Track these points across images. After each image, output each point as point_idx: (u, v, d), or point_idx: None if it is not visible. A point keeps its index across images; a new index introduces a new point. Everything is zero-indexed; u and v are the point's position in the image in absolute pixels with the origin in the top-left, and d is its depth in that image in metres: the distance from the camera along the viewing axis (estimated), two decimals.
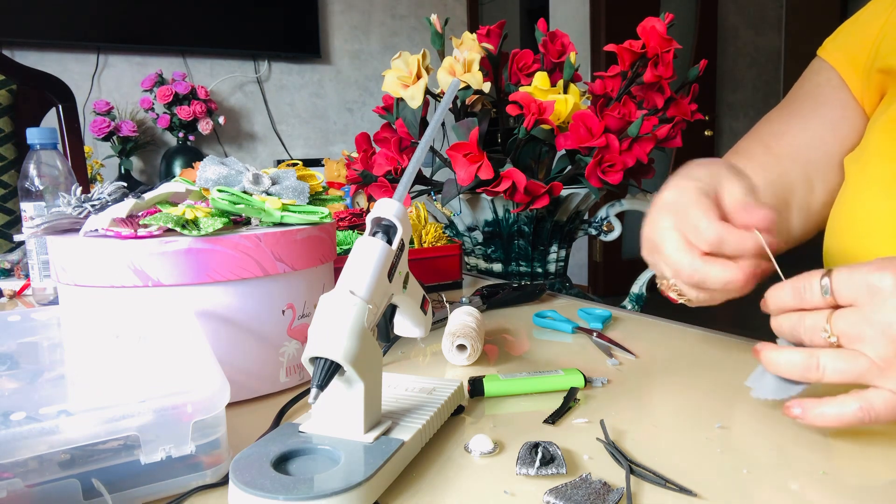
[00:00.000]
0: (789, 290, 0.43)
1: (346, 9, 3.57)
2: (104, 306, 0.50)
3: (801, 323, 0.42)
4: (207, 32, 3.11)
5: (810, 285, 0.41)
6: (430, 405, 0.44)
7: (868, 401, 0.39)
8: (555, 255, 1.07)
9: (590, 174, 0.92)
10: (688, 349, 0.63)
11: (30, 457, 0.32)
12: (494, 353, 0.64)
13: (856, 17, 0.68)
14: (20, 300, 0.90)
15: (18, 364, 0.45)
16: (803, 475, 0.38)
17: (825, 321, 0.40)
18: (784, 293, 0.43)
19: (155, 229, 0.50)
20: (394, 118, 1.03)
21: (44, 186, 0.86)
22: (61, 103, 1.50)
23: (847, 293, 0.40)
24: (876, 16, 0.64)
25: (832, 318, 0.40)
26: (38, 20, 2.74)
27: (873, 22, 0.64)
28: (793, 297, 0.43)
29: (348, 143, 3.59)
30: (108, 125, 2.79)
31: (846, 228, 0.61)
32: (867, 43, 0.64)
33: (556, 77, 1.02)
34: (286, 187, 0.58)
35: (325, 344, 0.36)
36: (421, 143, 0.44)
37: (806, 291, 0.42)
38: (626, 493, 0.35)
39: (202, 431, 0.37)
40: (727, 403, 0.49)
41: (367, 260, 0.40)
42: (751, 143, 0.72)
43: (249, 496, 0.33)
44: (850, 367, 0.39)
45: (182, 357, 0.43)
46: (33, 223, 0.61)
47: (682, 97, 0.99)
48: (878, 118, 0.62)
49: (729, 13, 4.56)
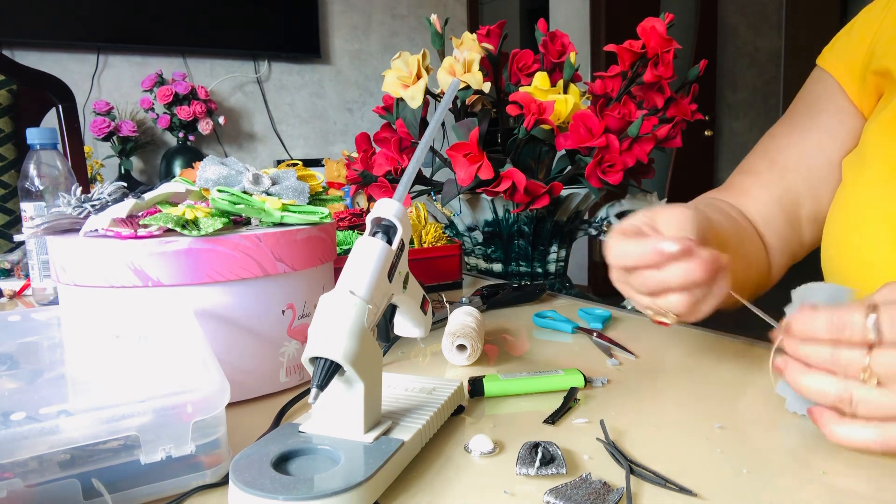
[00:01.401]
0: (824, 323, 0.39)
1: (346, 9, 3.57)
2: (104, 306, 0.50)
3: (837, 357, 0.39)
4: (207, 32, 3.11)
5: (852, 322, 0.38)
6: (430, 405, 0.44)
7: (888, 435, 0.38)
8: (555, 255, 1.07)
9: (590, 174, 0.92)
10: (688, 349, 0.63)
11: (30, 457, 0.32)
12: (494, 353, 0.64)
13: (851, 25, 0.69)
14: (20, 300, 0.90)
15: (18, 364, 0.45)
16: (803, 475, 0.38)
17: (864, 358, 0.38)
18: (817, 325, 0.40)
19: (155, 229, 0.50)
20: (394, 118, 1.03)
21: (44, 186, 0.86)
22: (61, 103, 1.50)
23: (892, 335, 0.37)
24: (869, 22, 0.66)
25: (874, 358, 0.38)
26: (38, 20, 2.74)
27: (867, 28, 0.65)
28: (828, 330, 0.39)
29: (348, 143, 3.59)
30: (108, 125, 2.79)
31: (843, 228, 0.62)
32: (862, 48, 0.65)
33: (556, 77, 1.02)
34: (286, 187, 0.58)
35: (325, 344, 0.36)
36: (421, 143, 0.44)
37: (846, 328, 0.38)
38: (626, 493, 0.35)
39: (202, 431, 0.37)
40: (727, 403, 0.49)
41: (367, 260, 0.40)
42: (755, 159, 0.73)
43: (249, 496, 0.33)
44: (885, 407, 0.38)
45: (182, 357, 0.43)
46: (33, 223, 0.61)
47: (682, 97, 0.99)
48: (874, 119, 0.63)
49: (729, 13, 4.56)
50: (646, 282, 0.48)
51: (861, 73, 0.66)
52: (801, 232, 0.71)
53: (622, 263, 0.49)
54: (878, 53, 0.63)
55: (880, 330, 0.37)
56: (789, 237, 0.70)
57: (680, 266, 0.46)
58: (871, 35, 0.65)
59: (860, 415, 0.39)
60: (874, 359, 0.38)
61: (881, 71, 0.62)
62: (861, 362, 0.38)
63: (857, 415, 0.39)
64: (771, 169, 0.71)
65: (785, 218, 0.70)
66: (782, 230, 0.70)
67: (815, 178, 0.69)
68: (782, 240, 0.70)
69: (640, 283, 0.49)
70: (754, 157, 0.74)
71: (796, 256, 0.72)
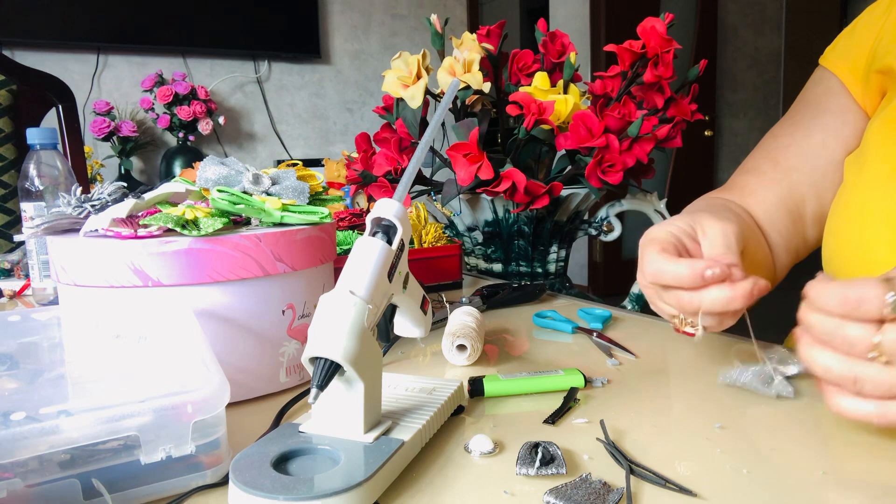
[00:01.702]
0: (837, 295, 0.37)
1: (346, 9, 3.57)
2: (104, 306, 0.50)
3: (841, 331, 0.38)
4: (207, 32, 3.11)
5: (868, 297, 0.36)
6: (430, 405, 0.44)
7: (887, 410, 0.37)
8: (555, 255, 1.07)
9: (590, 174, 0.92)
10: (688, 349, 0.63)
11: (30, 457, 0.32)
12: (494, 353, 0.64)
13: (853, 25, 0.69)
14: (20, 300, 0.90)
15: (18, 364, 0.45)
16: (803, 475, 0.38)
17: (872, 336, 0.36)
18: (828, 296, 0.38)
19: (155, 229, 0.50)
20: (394, 118, 1.03)
21: (44, 186, 0.86)
22: (61, 103, 1.50)
23: None
24: (872, 21, 0.66)
25: (885, 335, 0.36)
26: (38, 20, 2.74)
27: (870, 27, 0.66)
28: (840, 303, 0.37)
29: (348, 143, 3.59)
30: (108, 125, 2.79)
31: (844, 227, 0.62)
32: (865, 47, 0.66)
33: (556, 77, 1.02)
34: (286, 187, 0.58)
35: (325, 344, 0.36)
36: (421, 143, 0.44)
37: (862, 304, 0.36)
38: (626, 493, 0.35)
39: (202, 431, 0.37)
40: (727, 403, 0.49)
41: (367, 260, 0.40)
42: (758, 159, 0.73)
43: (249, 496, 0.33)
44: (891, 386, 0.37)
45: (182, 357, 0.43)
46: (33, 223, 0.61)
47: (682, 97, 0.99)
48: (877, 117, 0.63)
49: (729, 13, 4.56)
50: (681, 301, 0.47)
51: (864, 72, 0.66)
52: (806, 231, 0.71)
53: (659, 281, 0.48)
54: (881, 52, 0.63)
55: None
56: (793, 236, 0.70)
57: (719, 293, 0.45)
58: (874, 34, 0.65)
59: (866, 393, 0.38)
60: (886, 335, 0.36)
61: (884, 69, 0.62)
62: (869, 340, 0.36)
63: (861, 393, 0.38)
64: (775, 168, 0.71)
65: (789, 217, 0.70)
66: (787, 229, 0.70)
67: (818, 177, 0.69)
68: (787, 239, 0.70)
69: (675, 302, 0.48)
70: (757, 157, 0.74)
71: (800, 255, 0.72)
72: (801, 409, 0.48)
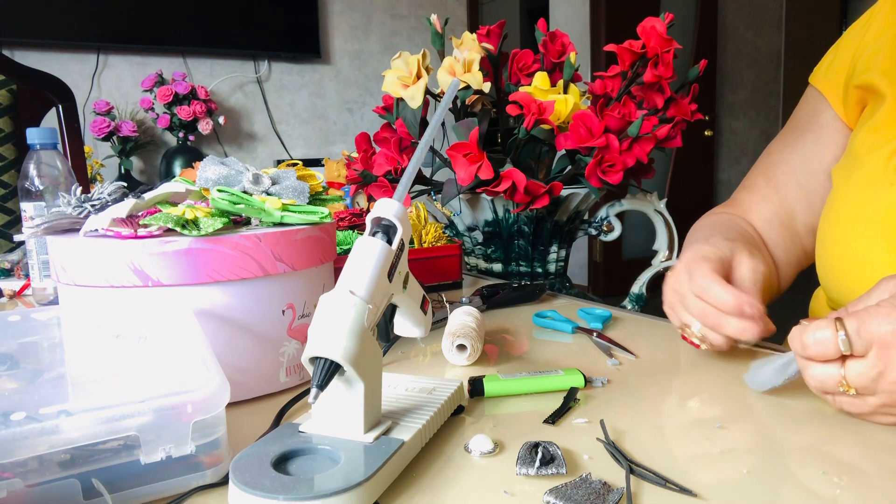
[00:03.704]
0: (797, 344, 0.43)
1: (346, 9, 3.57)
2: (104, 306, 0.50)
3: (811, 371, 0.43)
4: (207, 32, 3.11)
5: (822, 340, 0.41)
6: (430, 405, 0.44)
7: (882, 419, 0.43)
8: (555, 255, 1.07)
9: (590, 174, 0.92)
10: (688, 349, 0.63)
11: (30, 457, 0.32)
12: (494, 353, 0.64)
13: (838, 43, 0.73)
14: (20, 300, 0.90)
15: (18, 364, 0.45)
16: (803, 475, 0.38)
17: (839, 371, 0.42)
18: (793, 344, 0.44)
19: (155, 229, 0.50)
20: (394, 118, 1.03)
21: (44, 186, 0.86)
22: (61, 103, 1.50)
23: (862, 347, 0.40)
24: (852, 40, 0.70)
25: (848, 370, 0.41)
26: (38, 20, 2.74)
27: (851, 45, 0.70)
28: (802, 351, 0.43)
29: (348, 143, 3.59)
30: (108, 125, 2.79)
31: (833, 230, 0.64)
32: (845, 64, 0.69)
33: (556, 77, 1.01)
34: (286, 187, 0.58)
35: (325, 344, 0.36)
36: (421, 143, 0.44)
37: (818, 346, 0.42)
38: (626, 493, 0.35)
39: (202, 431, 0.37)
40: (727, 403, 0.49)
41: (367, 260, 0.40)
42: (755, 175, 0.79)
43: (249, 496, 0.33)
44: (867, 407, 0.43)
45: (182, 357, 0.43)
46: (33, 223, 0.61)
47: (682, 97, 0.99)
48: (861, 127, 0.65)
49: (729, 13, 4.56)
50: (705, 315, 0.53)
51: (844, 88, 0.69)
52: (802, 241, 0.75)
53: (702, 296, 0.53)
54: (860, 68, 0.66)
55: (850, 343, 0.40)
56: (792, 247, 0.75)
57: (740, 325, 0.51)
58: (853, 51, 0.69)
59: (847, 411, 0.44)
60: (848, 371, 0.41)
61: (863, 85, 0.65)
62: (836, 377, 0.42)
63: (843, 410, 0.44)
64: (768, 184, 0.76)
65: (785, 230, 0.74)
66: (785, 241, 0.74)
67: (807, 189, 0.73)
68: (787, 251, 0.74)
69: (700, 313, 0.53)
70: (754, 174, 0.79)
71: (802, 265, 0.77)
72: (801, 409, 0.48)
